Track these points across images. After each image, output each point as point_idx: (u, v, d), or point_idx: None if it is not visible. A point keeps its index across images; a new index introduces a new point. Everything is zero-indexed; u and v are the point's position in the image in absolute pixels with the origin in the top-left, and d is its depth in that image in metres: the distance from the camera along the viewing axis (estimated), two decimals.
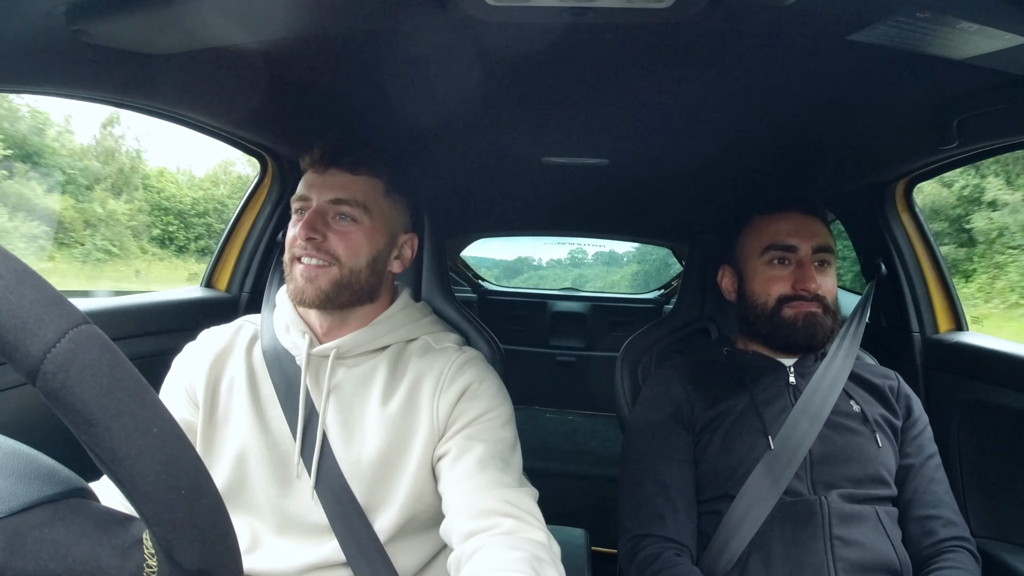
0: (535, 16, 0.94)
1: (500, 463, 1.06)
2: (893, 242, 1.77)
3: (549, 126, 1.67)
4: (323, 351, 1.15)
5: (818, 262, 1.35)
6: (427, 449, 1.10)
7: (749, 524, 1.21)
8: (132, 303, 1.66)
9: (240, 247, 1.95)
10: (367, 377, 1.16)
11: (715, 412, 1.34)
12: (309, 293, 1.12)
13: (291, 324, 1.19)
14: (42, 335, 0.44)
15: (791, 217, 1.38)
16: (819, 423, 1.27)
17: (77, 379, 0.44)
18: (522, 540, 0.92)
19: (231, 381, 1.17)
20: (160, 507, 0.46)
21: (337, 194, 1.14)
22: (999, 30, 0.86)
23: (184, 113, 1.41)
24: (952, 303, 1.78)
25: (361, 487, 1.08)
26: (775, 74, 1.22)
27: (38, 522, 0.49)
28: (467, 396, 1.13)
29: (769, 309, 1.36)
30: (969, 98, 1.20)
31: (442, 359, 1.17)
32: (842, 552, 1.17)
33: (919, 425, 1.35)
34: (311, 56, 1.25)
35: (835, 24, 0.93)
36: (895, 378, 1.42)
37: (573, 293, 4.63)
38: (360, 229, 1.15)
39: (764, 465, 1.24)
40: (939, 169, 1.62)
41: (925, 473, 1.29)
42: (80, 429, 0.45)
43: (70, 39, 0.96)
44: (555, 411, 4.28)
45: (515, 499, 1.00)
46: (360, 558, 1.05)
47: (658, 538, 1.24)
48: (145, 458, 0.46)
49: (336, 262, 1.13)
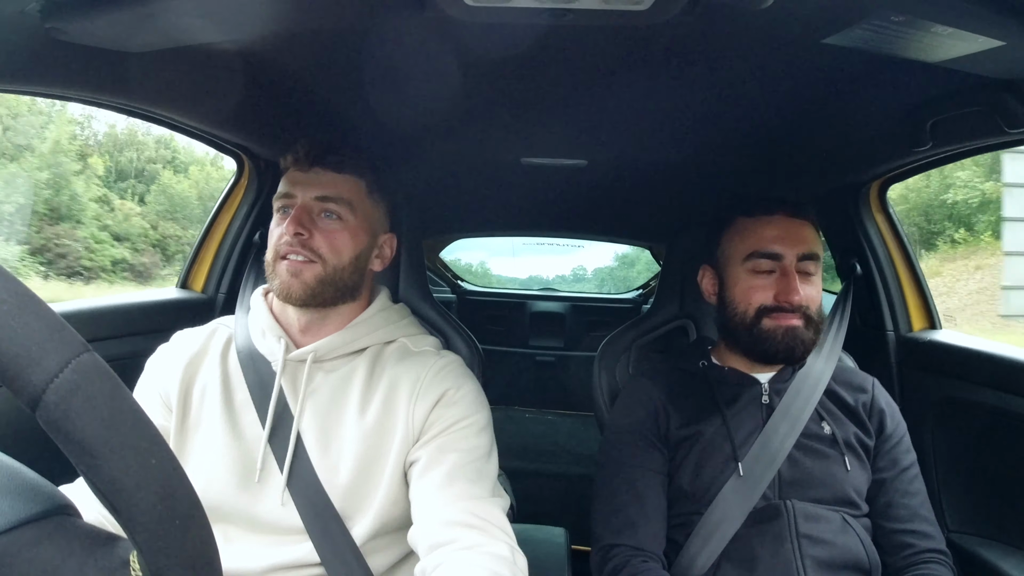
0: (514, 17, 0.93)
1: (472, 473, 1.06)
2: (867, 242, 1.80)
3: (528, 127, 1.67)
4: (300, 356, 1.14)
5: (804, 271, 1.29)
6: (401, 454, 1.09)
7: (718, 537, 1.21)
8: (107, 304, 1.64)
9: (216, 247, 1.92)
10: (344, 382, 1.15)
11: (689, 432, 1.31)
12: (296, 288, 1.11)
13: (267, 328, 1.18)
14: (45, 364, 0.43)
15: (777, 221, 1.31)
16: (788, 445, 1.25)
17: (79, 410, 0.43)
18: (483, 555, 0.93)
19: (204, 386, 1.16)
20: (153, 536, 0.45)
21: (323, 192, 1.14)
22: (973, 33, 0.87)
23: (161, 112, 1.39)
24: (926, 302, 1.81)
25: (338, 494, 1.07)
26: (752, 76, 1.23)
27: (25, 542, 0.49)
28: (443, 403, 1.12)
29: (749, 319, 1.30)
30: (943, 100, 1.22)
31: (419, 364, 1.16)
32: (810, 550, 1.18)
33: (893, 439, 1.32)
34: (289, 56, 1.24)
35: (811, 27, 0.94)
36: (870, 390, 1.37)
37: (552, 293, 4.64)
38: (345, 227, 1.16)
39: (732, 487, 1.24)
40: (913, 170, 1.64)
41: (898, 487, 1.28)
42: (79, 459, 0.44)
43: (44, 37, 0.94)
44: (535, 411, 4.29)
45: (481, 511, 1.00)
46: (336, 560, 1.04)
47: (627, 547, 1.24)
48: (143, 490, 0.45)
49: (320, 259, 1.12)
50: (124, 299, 1.71)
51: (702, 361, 1.43)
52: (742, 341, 1.33)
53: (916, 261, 1.82)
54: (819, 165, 1.74)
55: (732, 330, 1.35)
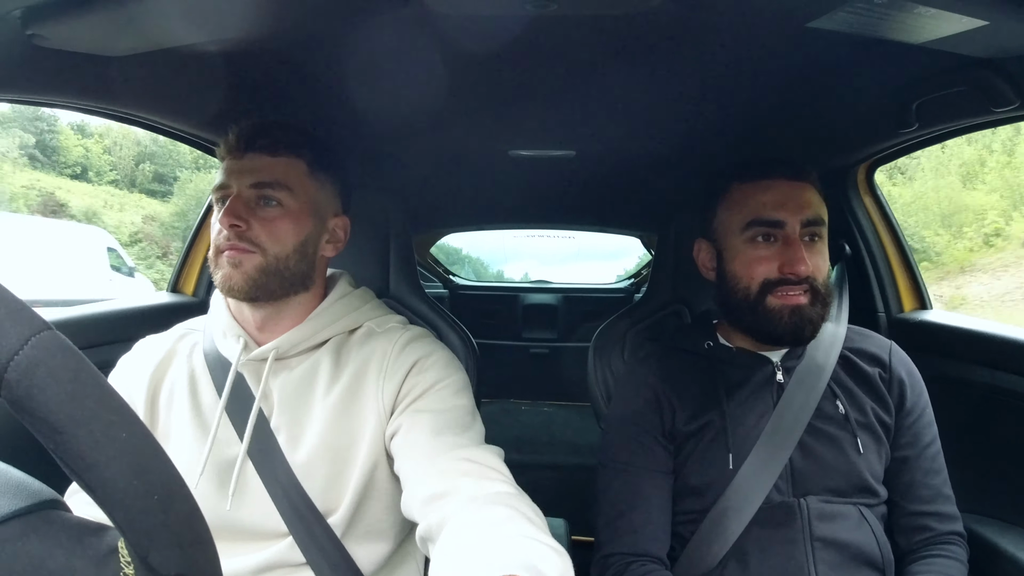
0: (498, 8, 0.93)
1: (457, 428, 1.02)
2: (856, 224, 1.81)
3: (515, 119, 1.66)
4: (260, 355, 1.11)
5: (808, 236, 1.19)
6: (377, 433, 1.06)
7: (728, 533, 1.15)
8: (97, 311, 1.63)
9: (206, 250, 1.91)
10: (309, 375, 1.12)
11: (696, 425, 1.23)
12: (237, 280, 1.06)
13: (226, 328, 1.15)
14: (3, 343, 0.43)
15: (776, 185, 1.20)
16: (800, 429, 1.18)
17: (41, 386, 0.43)
18: (489, 502, 0.85)
19: (171, 391, 1.13)
20: (133, 514, 0.45)
21: (257, 178, 1.08)
22: (956, 14, 0.88)
23: (146, 116, 1.39)
24: (916, 282, 1.82)
25: (315, 486, 1.05)
26: (737, 62, 1.23)
27: (11, 536, 0.48)
28: (415, 371, 1.09)
29: (752, 295, 1.19)
30: (928, 81, 1.22)
31: (385, 340, 1.14)
32: (823, 554, 1.13)
33: (914, 412, 1.24)
34: (273, 55, 1.23)
35: (795, 11, 0.94)
36: (887, 358, 1.28)
37: (544, 285, 4.64)
38: (285, 213, 1.10)
39: (742, 478, 1.17)
40: (899, 152, 1.65)
41: (921, 465, 1.21)
42: (47, 437, 0.44)
43: (26, 44, 0.93)
44: (530, 403, 4.29)
45: (475, 455, 0.95)
46: (320, 558, 1.02)
47: (625, 555, 1.20)
48: (115, 464, 0.45)
49: (260, 249, 1.07)
50: (114, 305, 1.70)
51: (707, 341, 1.32)
52: (745, 320, 1.24)
53: (905, 242, 1.83)
54: (806, 149, 1.74)
55: (733, 308, 1.25)
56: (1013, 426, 1.42)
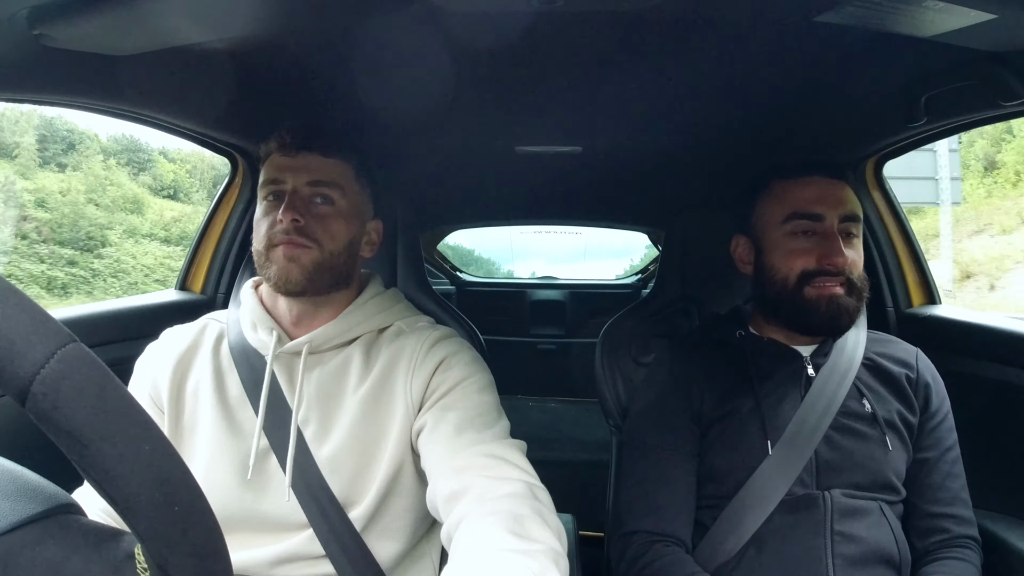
0: (504, 5, 0.93)
1: (480, 425, 1.03)
2: (865, 219, 1.80)
3: (521, 115, 1.66)
4: (295, 347, 1.12)
5: (845, 232, 1.22)
6: (404, 429, 1.08)
7: (749, 521, 1.17)
8: (106, 309, 1.64)
9: (214, 248, 1.92)
10: (340, 370, 1.13)
11: (724, 410, 1.25)
12: (295, 274, 1.07)
13: (258, 321, 1.15)
14: (31, 356, 0.43)
15: (815, 182, 1.24)
16: (826, 424, 1.19)
17: (67, 400, 0.43)
18: (496, 500, 0.87)
19: (197, 383, 1.14)
20: (154, 525, 0.45)
21: (315, 176, 1.12)
22: (964, 7, 0.87)
23: (152, 115, 1.39)
24: (924, 277, 1.81)
25: (340, 481, 1.06)
26: (745, 57, 1.22)
27: (29, 541, 0.49)
28: (442, 368, 1.11)
29: (791, 286, 1.22)
30: (936, 75, 1.22)
31: (415, 339, 1.15)
32: (842, 548, 1.14)
33: (938, 416, 1.26)
34: (279, 52, 1.24)
35: (802, 6, 0.93)
36: (914, 361, 1.31)
37: (551, 282, 4.63)
38: (338, 212, 1.13)
39: (768, 467, 1.18)
40: (908, 146, 1.64)
41: (942, 468, 1.23)
42: (71, 450, 0.44)
43: (33, 43, 0.94)
44: (537, 399, 4.28)
45: (492, 450, 0.97)
46: (339, 552, 1.03)
47: (649, 533, 1.21)
48: (138, 477, 0.45)
49: (317, 244, 1.09)
50: (123, 303, 1.71)
51: (739, 331, 1.35)
52: (783, 311, 1.26)
53: (914, 237, 1.82)
54: (814, 144, 1.73)
55: (771, 299, 1.27)
56: (1022, 422, 1.41)
